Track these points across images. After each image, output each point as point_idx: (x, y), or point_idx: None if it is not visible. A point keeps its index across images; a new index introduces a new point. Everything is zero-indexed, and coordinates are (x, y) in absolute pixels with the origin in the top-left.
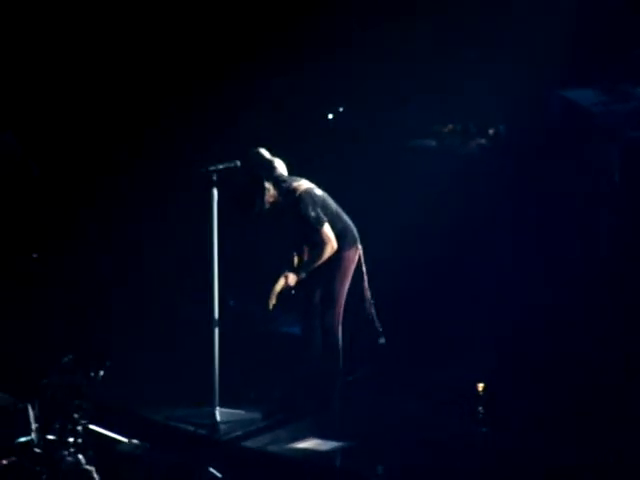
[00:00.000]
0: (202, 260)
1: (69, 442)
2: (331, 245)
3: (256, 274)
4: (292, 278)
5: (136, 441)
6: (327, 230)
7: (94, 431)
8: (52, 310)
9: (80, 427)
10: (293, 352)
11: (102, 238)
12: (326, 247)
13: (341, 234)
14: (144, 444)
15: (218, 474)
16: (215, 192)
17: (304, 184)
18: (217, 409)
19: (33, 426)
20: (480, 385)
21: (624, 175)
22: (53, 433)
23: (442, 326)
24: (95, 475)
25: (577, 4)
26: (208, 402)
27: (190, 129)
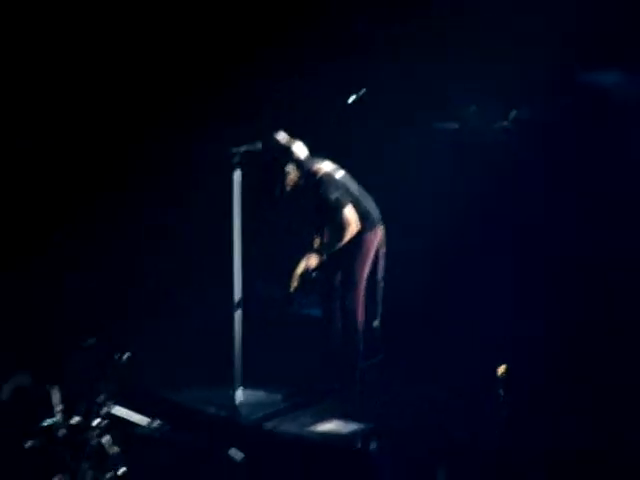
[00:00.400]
0: (224, 243)
1: (94, 424)
2: (352, 228)
3: (277, 256)
4: (313, 260)
5: (159, 422)
6: (348, 213)
7: (118, 413)
8: (75, 293)
9: (105, 409)
10: (314, 334)
11: (123, 223)
12: (347, 230)
13: (362, 216)
14: (166, 425)
15: (240, 453)
16: (238, 174)
17: (324, 167)
18: (238, 390)
19: (57, 408)
20: (501, 368)
21: None
22: (78, 415)
23: (459, 314)
24: (119, 456)
25: None
26: (229, 384)
27: (212, 111)
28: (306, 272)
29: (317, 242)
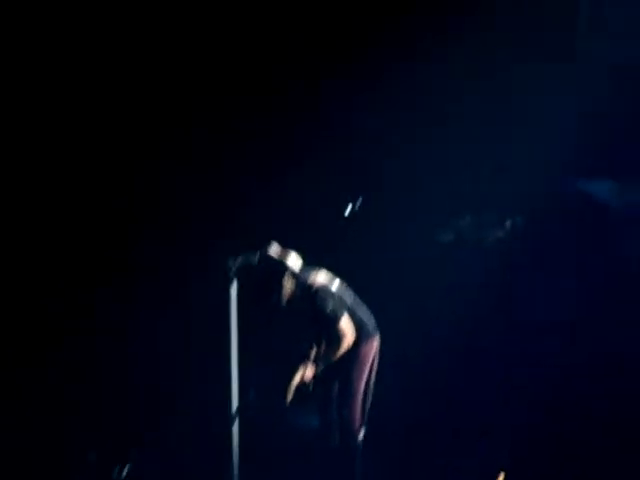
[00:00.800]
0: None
1: None
2: (348, 339)
3: (273, 367)
4: (309, 372)
5: None
6: (344, 325)
7: None
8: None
9: None
10: (310, 445)
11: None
12: (342, 342)
13: (358, 327)
14: None
15: None
16: (234, 286)
17: (320, 278)
18: None
19: None
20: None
21: None
22: None
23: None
24: None
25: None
26: None
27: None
28: (302, 384)
29: (313, 353)
